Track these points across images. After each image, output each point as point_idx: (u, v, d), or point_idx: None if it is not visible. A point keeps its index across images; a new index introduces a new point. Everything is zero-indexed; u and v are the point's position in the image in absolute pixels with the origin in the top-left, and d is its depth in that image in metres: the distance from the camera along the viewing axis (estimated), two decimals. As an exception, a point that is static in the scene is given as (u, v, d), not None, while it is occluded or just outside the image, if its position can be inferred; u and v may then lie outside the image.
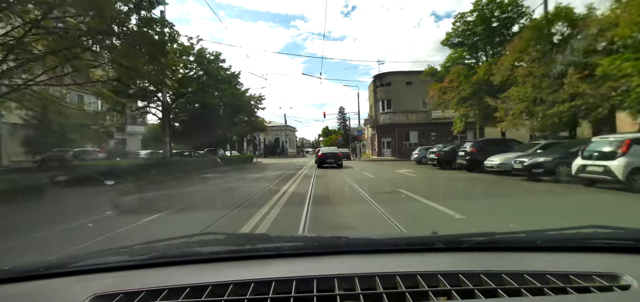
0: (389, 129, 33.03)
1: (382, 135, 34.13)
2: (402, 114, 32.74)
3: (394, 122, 32.75)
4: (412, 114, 32.79)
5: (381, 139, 34.33)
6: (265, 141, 66.01)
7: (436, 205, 5.93)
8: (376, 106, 34.78)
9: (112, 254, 1.10)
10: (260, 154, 62.86)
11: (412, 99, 32.58)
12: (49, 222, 5.56)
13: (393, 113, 32.91)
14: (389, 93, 33.33)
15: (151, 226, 4.86)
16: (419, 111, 32.85)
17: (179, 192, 10.17)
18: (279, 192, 8.37)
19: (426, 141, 32.39)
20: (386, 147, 34.08)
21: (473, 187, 9.85)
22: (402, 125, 32.64)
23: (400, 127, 32.67)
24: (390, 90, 33.27)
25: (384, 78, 33.77)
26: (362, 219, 5.31)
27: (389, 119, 33.07)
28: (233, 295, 0.78)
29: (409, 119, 32.77)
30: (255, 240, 1.48)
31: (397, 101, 32.90)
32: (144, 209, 6.82)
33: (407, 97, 32.55)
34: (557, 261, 0.94)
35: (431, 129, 32.50)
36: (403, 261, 0.97)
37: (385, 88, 33.72)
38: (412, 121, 32.73)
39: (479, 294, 0.74)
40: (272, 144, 66.16)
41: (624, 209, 6.05)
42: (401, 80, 32.94)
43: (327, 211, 6.17)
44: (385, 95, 33.67)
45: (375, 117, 34.91)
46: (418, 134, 32.83)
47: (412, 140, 33.05)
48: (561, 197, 7.73)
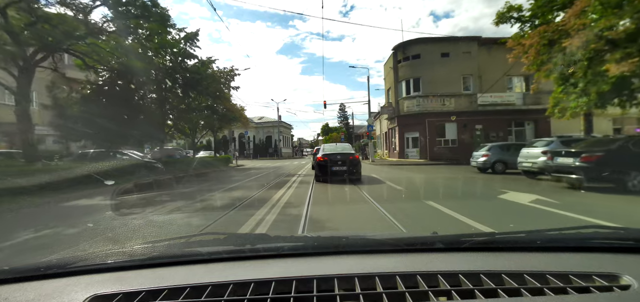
0: (416, 119, 23.57)
1: (406, 129, 24.67)
2: (435, 99, 23.27)
3: (423, 111, 23.28)
4: (450, 99, 23.33)
5: (404, 135, 24.88)
6: (254, 139, 56.46)
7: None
8: (396, 89, 25.32)
9: (112, 255, 1.06)
10: (250, 154, 53.35)
11: (450, 77, 23.15)
12: None
13: (422, 97, 23.43)
14: (417, 69, 23.83)
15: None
16: (460, 95, 23.39)
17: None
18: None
19: (487, 135, 23.02)
20: (411, 145, 24.62)
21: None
22: (435, 115, 23.18)
23: (433, 117, 23.20)
24: (418, 66, 23.78)
25: (410, 48, 24.23)
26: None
27: (417, 106, 23.59)
28: (233, 295, 0.78)
29: (444, 106, 23.30)
30: (255, 240, 1.46)
31: (428, 81, 23.43)
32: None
33: (442, 74, 23.11)
34: (557, 261, 0.95)
35: (476, 120, 23.06)
36: (403, 261, 0.97)
37: (411, 63, 24.21)
38: (448, 108, 23.27)
39: (479, 294, 0.74)
40: (263, 142, 56.55)
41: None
42: (434, 51, 23.48)
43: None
44: (411, 73, 24.18)
45: (395, 104, 25.43)
46: (457, 128, 23.41)
47: (448, 135, 23.60)
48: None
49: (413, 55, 24.06)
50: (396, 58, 25.20)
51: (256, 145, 55.83)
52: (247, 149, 54.50)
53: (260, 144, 56.23)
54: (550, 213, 5.37)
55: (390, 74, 26.53)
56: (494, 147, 13.65)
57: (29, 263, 1.00)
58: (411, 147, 24.62)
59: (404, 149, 24.92)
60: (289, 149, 63.76)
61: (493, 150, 13.44)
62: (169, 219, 5.49)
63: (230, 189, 10.14)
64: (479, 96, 22.84)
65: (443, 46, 23.39)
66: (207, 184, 11.90)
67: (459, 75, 23.30)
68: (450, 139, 23.63)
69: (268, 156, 50.62)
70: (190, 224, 5.07)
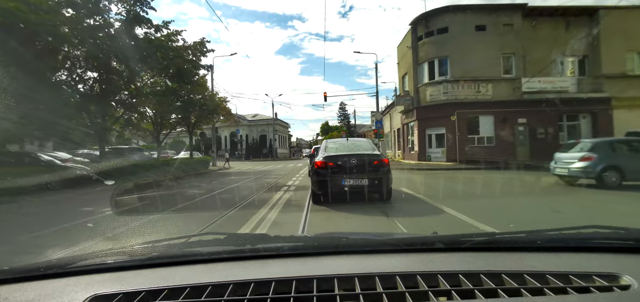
0: (442, 111, 18.47)
1: (427, 124, 19.59)
2: (467, 85, 18.16)
3: (451, 100, 18.18)
4: (487, 85, 18.23)
5: (425, 131, 19.80)
6: (247, 139, 51.32)
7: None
8: (416, 74, 20.22)
9: (112, 255, 1.06)
10: (242, 154, 48.14)
11: (487, 57, 18.07)
12: None
13: (451, 82, 18.31)
14: (444, 46, 18.70)
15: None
16: (499, 79, 18.30)
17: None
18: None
19: (532, 132, 17.97)
20: (435, 143, 19.53)
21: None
22: (467, 105, 18.09)
23: (464, 108, 18.12)
24: (445, 42, 18.65)
25: (434, 20, 19.03)
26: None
27: (443, 94, 18.47)
28: (233, 295, 0.78)
29: (479, 93, 18.20)
30: (255, 240, 1.43)
31: (458, 61, 18.34)
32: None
33: (476, 53, 18.03)
34: (557, 261, 0.95)
35: (519, 112, 17.99)
36: (403, 261, 0.97)
37: (436, 39, 19.07)
38: (485, 97, 18.18)
39: (479, 294, 0.74)
40: (257, 142, 51.38)
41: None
42: (467, 23, 18.35)
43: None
44: (435, 51, 19.04)
45: (414, 93, 20.32)
46: (494, 122, 18.33)
47: (483, 131, 18.52)
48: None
49: (439, 29, 18.91)
50: (415, 34, 20.07)
51: (249, 145, 50.65)
52: (240, 149, 49.32)
53: (253, 143, 51.07)
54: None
55: (407, 56, 21.42)
56: (602, 145, 8.57)
57: (29, 263, 0.99)
58: (435, 146, 19.52)
59: (425, 149, 19.82)
60: (285, 150, 58.57)
61: (600, 149, 8.36)
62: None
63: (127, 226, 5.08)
64: (524, 81, 17.74)
65: (478, 17, 18.26)
66: (92, 207, 6.81)
67: (497, 54, 18.21)
68: (486, 137, 18.54)
69: (262, 157, 45.44)
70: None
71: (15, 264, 0.99)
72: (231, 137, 50.76)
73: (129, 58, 12.42)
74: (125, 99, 13.50)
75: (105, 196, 8.11)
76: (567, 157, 9.02)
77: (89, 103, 12.78)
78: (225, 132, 50.87)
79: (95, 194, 9.44)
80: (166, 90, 14.58)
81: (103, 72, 12.92)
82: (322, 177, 6.18)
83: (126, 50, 12.34)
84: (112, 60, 12.91)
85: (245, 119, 53.08)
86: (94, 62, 11.93)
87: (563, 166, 9.04)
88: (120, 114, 14.11)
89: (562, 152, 9.46)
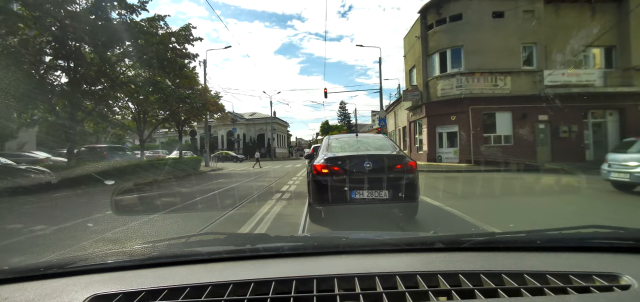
0: (455, 107, 16.71)
1: (438, 121, 17.82)
2: (483, 78, 16.39)
3: (465, 94, 16.40)
4: (505, 78, 16.46)
5: (435, 129, 18.04)
6: (244, 138, 49.57)
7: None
8: (425, 66, 18.44)
9: (112, 255, 1.04)
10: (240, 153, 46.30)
11: (505, 47, 16.31)
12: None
13: (465, 75, 16.53)
14: (457, 35, 16.91)
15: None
16: (518, 71, 16.53)
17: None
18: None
19: (555, 130, 16.21)
20: (446, 143, 17.77)
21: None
22: (483, 101, 16.31)
23: (480, 104, 16.34)
24: (459, 30, 16.87)
25: (447, 6, 17.19)
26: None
27: (457, 88, 16.68)
28: (233, 295, 0.78)
29: (497, 87, 16.43)
30: (255, 240, 1.43)
31: (473, 52, 16.56)
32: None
33: (493, 43, 16.26)
34: (557, 261, 0.93)
35: (540, 108, 16.21)
36: (403, 261, 0.96)
37: (448, 27, 17.28)
38: (503, 91, 16.41)
39: (479, 294, 0.74)
40: (254, 141, 49.60)
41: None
42: (483, 10, 16.55)
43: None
44: (448, 41, 17.25)
45: (423, 87, 18.54)
46: (512, 119, 16.58)
47: (500, 130, 16.76)
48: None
49: (452, 17, 17.12)
50: (425, 23, 18.30)
51: (246, 144, 48.87)
52: (237, 148, 47.53)
53: (251, 143, 49.28)
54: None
55: (415, 47, 19.64)
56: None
57: (28, 263, 0.98)
58: (446, 145, 17.75)
59: (435, 149, 18.07)
60: (284, 149, 56.77)
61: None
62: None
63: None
64: (546, 74, 15.97)
65: (495, 2, 16.46)
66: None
67: (517, 43, 16.44)
68: (503, 136, 16.78)
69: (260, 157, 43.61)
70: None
71: (15, 264, 0.97)
72: (228, 136, 48.99)
73: (99, 43, 10.65)
74: (97, 90, 11.73)
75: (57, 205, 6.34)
76: (627, 158, 7.26)
77: (52, 95, 11.00)
78: (222, 131, 49.11)
79: (42, 203, 7.68)
80: (144, 81, 12.80)
81: (71, 58, 11.15)
82: (323, 187, 4.42)
83: (95, 34, 10.57)
84: (81, 45, 11.15)
85: (243, 117, 51.30)
86: (56, 45, 10.16)
87: (621, 170, 7.28)
88: (92, 108, 12.33)
89: (617, 153, 7.71)
